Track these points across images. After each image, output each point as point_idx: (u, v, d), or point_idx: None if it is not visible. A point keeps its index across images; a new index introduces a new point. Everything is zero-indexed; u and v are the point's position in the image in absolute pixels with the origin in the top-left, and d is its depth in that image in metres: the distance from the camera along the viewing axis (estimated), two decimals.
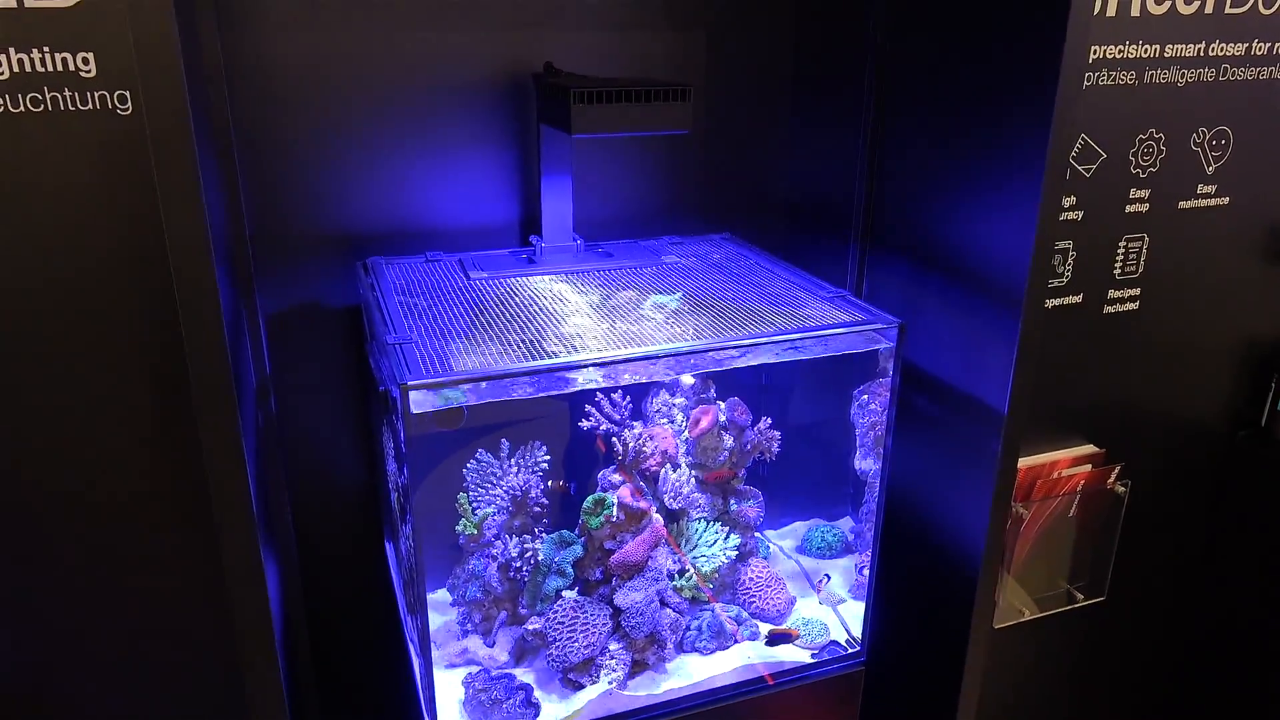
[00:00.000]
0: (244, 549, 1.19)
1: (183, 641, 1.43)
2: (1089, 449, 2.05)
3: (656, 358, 1.22)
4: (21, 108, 1.21)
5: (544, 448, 1.47)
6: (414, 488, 1.19)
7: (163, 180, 1.04)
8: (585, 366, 1.19)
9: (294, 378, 1.63)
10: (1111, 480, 2.03)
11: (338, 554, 1.74)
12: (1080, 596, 2.11)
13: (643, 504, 1.39)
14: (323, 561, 1.71)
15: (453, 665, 1.42)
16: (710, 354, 1.27)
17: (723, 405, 1.52)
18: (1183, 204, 1.93)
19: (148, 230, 1.29)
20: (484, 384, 1.16)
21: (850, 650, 1.52)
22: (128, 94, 1.24)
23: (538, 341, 1.23)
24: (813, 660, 1.49)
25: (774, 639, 1.48)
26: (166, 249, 1.26)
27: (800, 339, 1.31)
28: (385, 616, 1.78)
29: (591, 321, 1.32)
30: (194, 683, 1.46)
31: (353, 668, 1.82)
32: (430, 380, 1.11)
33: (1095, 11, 1.67)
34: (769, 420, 1.53)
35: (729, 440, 1.52)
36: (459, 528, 1.41)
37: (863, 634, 1.53)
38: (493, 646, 1.42)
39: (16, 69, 1.19)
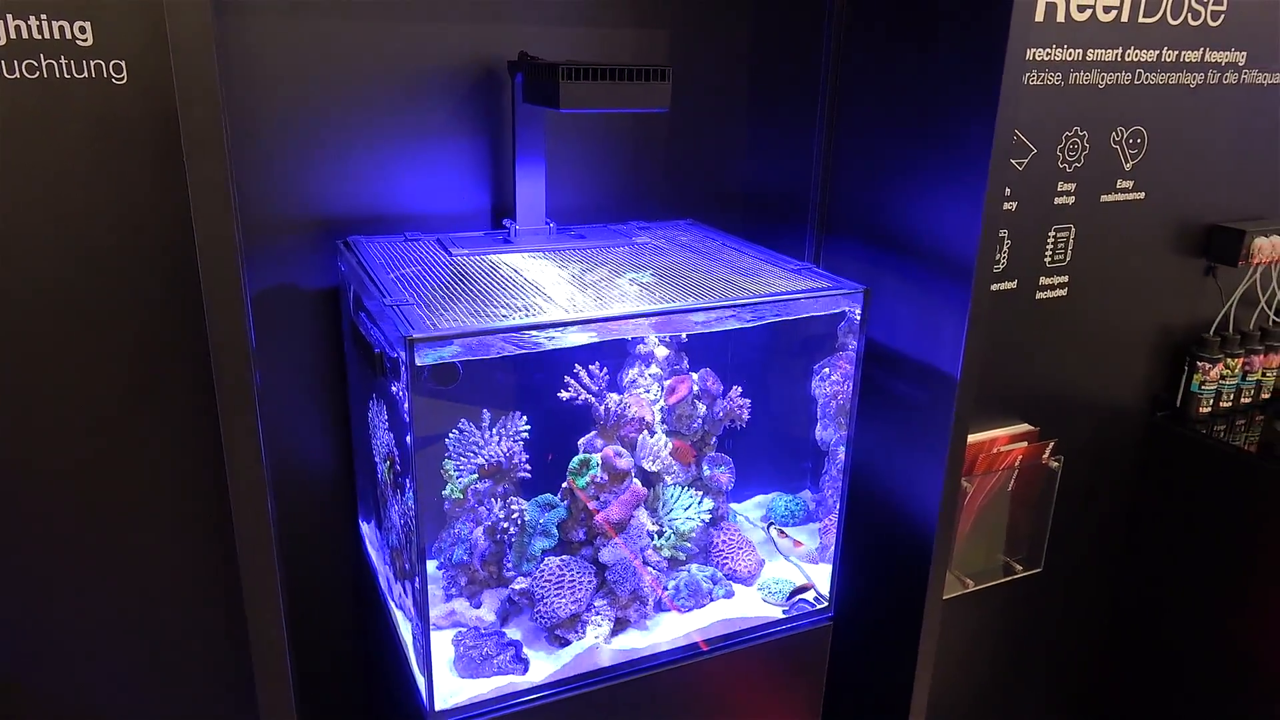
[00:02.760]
0: (257, 535, 1.23)
1: (181, 618, 1.43)
2: (1024, 427, 2.18)
3: (646, 315, 1.29)
4: (17, 74, 1.22)
5: (524, 417, 1.52)
6: (416, 445, 1.23)
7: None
8: (582, 323, 1.25)
9: (269, 358, 1.64)
10: (1045, 456, 2.17)
11: (310, 531, 1.75)
12: (1019, 568, 2.24)
13: (624, 463, 1.45)
14: (295, 539, 1.72)
15: (439, 628, 1.45)
16: (693, 315, 1.34)
17: (696, 376, 1.60)
18: (1105, 198, 2.10)
19: (138, 198, 1.31)
20: (478, 340, 1.22)
21: (818, 606, 1.60)
22: (123, 64, 1.27)
23: (527, 306, 1.29)
24: (784, 616, 1.57)
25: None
26: (160, 220, 1.30)
27: (774, 301, 1.39)
28: (358, 593, 1.80)
29: (576, 290, 1.38)
30: (191, 654, 1.46)
31: (325, 643, 1.82)
32: (434, 333, 1.16)
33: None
34: (740, 389, 1.62)
35: (702, 409, 1.60)
36: (445, 492, 1.45)
37: (830, 592, 1.61)
38: (479, 608, 1.46)
39: (14, 35, 1.21)
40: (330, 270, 1.65)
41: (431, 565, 1.54)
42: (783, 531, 1.72)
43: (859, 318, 1.49)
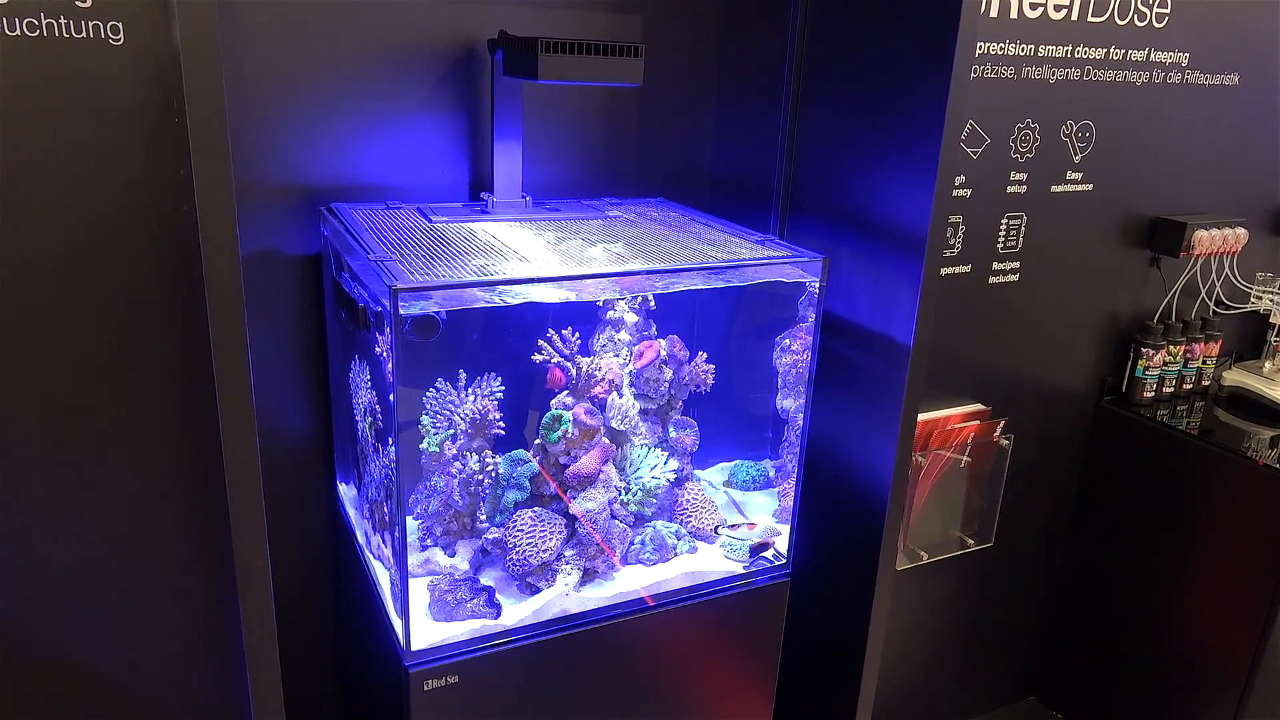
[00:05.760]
0: (249, 500, 1.29)
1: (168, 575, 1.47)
2: (977, 406, 2.28)
3: (618, 275, 1.37)
4: (18, 31, 1.27)
5: (498, 378, 1.58)
6: (399, 395, 1.30)
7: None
8: (557, 280, 1.33)
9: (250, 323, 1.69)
10: (997, 434, 2.27)
11: (291, 491, 1.80)
12: (971, 543, 2.34)
13: (595, 421, 1.53)
14: (276, 499, 1.77)
15: (414, 575, 1.51)
16: (664, 276, 1.42)
17: (663, 342, 1.68)
18: (1055, 188, 2.21)
19: (131, 156, 1.35)
20: (458, 293, 1.28)
21: (777, 563, 1.68)
22: (120, 25, 1.32)
23: (505, 266, 1.36)
24: (745, 571, 1.65)
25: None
26: (152, 178, 1.34)
27: (737, 266, 1.48)
28: (336, 549, 1.86)
29: (554, 254, 1.45)
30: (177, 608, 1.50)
31: (304, 596, 1.88)
32: (417, 284, 1.23)
33: (980, 11, 1.92)
34: (705, 355, 1.70)
35: (668, 373, 1.67)
36: (423, 445, 1.52)
37: (788, 551, 1.69)
38: (454, 557, 1.53)
39: None
40: (310, 238, 1.71)
41: (408, 517, 1.60)
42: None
43: (818, 289, 1.58)
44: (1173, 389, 2.49)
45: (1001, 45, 2.00)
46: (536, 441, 1.57)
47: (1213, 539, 2.30)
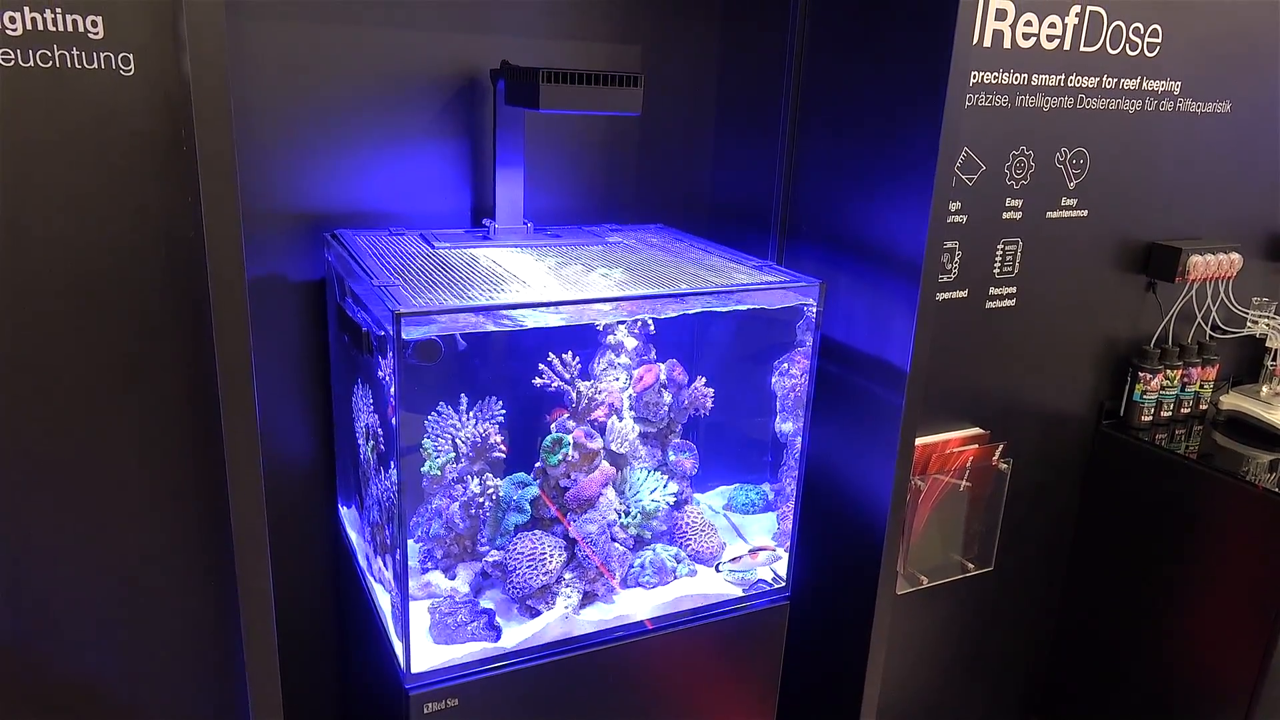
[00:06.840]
0: (252, 521, 1.30)
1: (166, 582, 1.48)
2: (975, 430, 2.30)
3: (618, 299, 1.39)
4: (31, 63, 1.30)
5: (499, 401, 1.60)
6: (401, 418, 1.31)
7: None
8: (558, 304, 1.35)
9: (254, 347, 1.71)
10: (995, 458, 2.28)
11: (293, 514, 1.82)
12: (971, 566, 2.34)
13: (595, 444, 1.54)
14: (278, 522, 1.78)
15: (415, 598, 1.52)
16: (663, 301, 1.45)
17: (663, 366, 1.70)
18: (1050, 214, 2.23)
19: (141, 185, 1.38)
20: (460, 318, 1.30)
21: (776, 586, 1.69)
22: (131, 57, 1.35)
23: (506, 291, 1.38)
24: (744, 594, 1.66)
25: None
26: (161, 206, 1.37)
27: (735, 291, 1.50)
28: (337, 573, 1.86)
29: (552, 279, 1.48)
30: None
31: (305, 618, 1.88)
32: (420, 309, 1.25)
33: (974, 42, 1.95)
34: (704, 379, 1.71)
35: (668, 397, 1.69)
36: (424, 469, 1.53)
37: (787, 574, 1.70)
38: (454, 579, 1.54)
39: (29, 26, 1.29)
40: (314, 264, 1.73)
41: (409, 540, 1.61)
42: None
43: (815, 314, 1.60)
44: (1170, 413, 2.50)
45: (995, 74, 2.03)
46: (537, 464, 1.58)
47: (1212, 562, 2.31)
